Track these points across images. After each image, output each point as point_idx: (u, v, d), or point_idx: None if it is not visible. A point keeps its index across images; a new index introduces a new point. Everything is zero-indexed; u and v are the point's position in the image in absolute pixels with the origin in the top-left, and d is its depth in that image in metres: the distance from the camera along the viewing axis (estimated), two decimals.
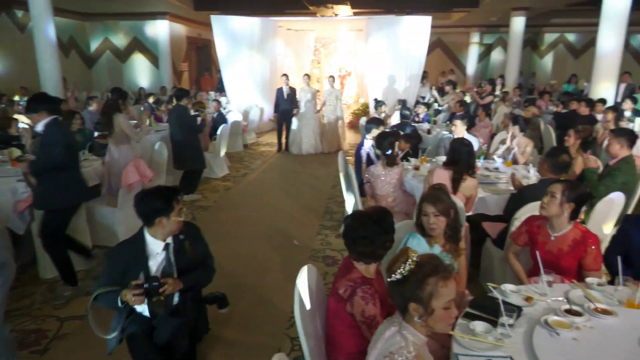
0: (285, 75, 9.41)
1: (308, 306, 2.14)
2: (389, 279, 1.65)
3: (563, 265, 2.60)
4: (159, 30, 15.02)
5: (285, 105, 9.19)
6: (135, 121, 7.71)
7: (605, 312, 2.05)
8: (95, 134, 6.62)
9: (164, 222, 2.38)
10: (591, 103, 7.60)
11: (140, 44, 16.35)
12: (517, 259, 2.86)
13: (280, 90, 9.27)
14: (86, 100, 8.23)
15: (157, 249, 2.44)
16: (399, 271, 1.60)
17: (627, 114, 7.82)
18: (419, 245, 2.61)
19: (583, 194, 2.63)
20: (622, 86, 10.11)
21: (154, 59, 16.11)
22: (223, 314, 3.46)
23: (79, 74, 15.00)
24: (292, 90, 9.29)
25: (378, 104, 8.60)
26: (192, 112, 6.41)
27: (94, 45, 16.22)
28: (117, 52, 16.40)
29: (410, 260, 1.61)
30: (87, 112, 7.59)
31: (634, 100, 8.38)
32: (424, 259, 1.63)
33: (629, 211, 3.98)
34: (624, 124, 7.05)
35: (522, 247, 2.84)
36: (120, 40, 16.35)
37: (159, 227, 2.39)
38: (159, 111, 8.69)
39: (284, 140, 9.52)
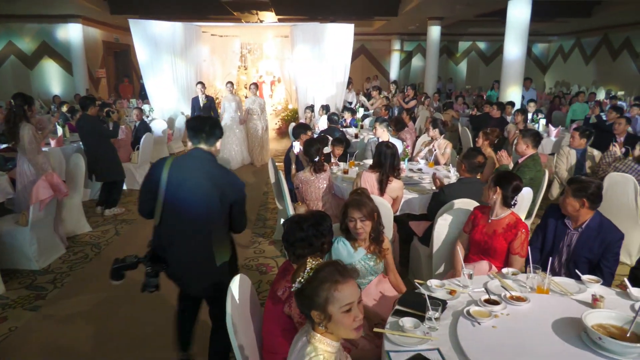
0: (200, 83, 8.81)
1: (241, 316, 2.10)
2: (291, 289, 1.65)
3: (494, 246, 2.83)
4: (71, 34, 14.04)
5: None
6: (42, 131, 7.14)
7: (519, 299, 2.23)
8: (1, 146, 6.08)
9: (218, 145, 2.60)
10: (502, 106, 8.26)
11: (50, 49, 15.18)
12: (461, 250, 3.01)
13: (195, 100, 8.60)
14: None
15: None
16: (298, 280, 1.61)
17: (531, 115, 8.56)
18: (344, 249, 2.68)
19: (504, 180, 2.84)
20: (527, 91, 11.06)
21: (66, 64, 15.04)
22: (152, 331, 3.31)
23: None
24: (210, 99, 8.68)
25: (307, 109, 8.75)
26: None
27: None
28: (23, 57, 15.08)
29: (308, 268, 1.61)
30: None
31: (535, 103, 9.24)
32: (322, 266, 1.63)
33: (537, 204, 4.37)
34: (531, 125, 7.74)
35: (467, 234, 3.03)
36: (26, 44, 15.05)
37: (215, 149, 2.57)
38: (73, 120, 8.10)
39: None
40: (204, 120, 2.57)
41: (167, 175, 2.44)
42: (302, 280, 1.60)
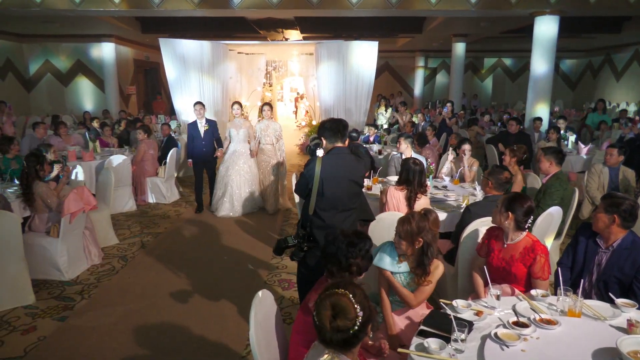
0: (199, 103, 6.68)
1: (263, 332, 2.10)
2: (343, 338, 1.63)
3: (514, 272, 2.73)
4: (105, 52, 14.58)
5: (203, 147, 6.48)
6: (75, 147, 7.41)
7: (549, 322, 2.16)
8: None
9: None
10: (519, 121, 7.98)
11: (84, 67, 15.79)
12: (480, 274, 2.89)
13: (193, 126, 6.51)
14: (32, 125, 7.82)
15: None
16: (355, 327, 1.61)
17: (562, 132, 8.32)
18: (389, 255, 2.68)
19: (516, 203, 2.71)
20: None
21: (99, 82, 15.60)
22: (176, 343, 3.33)
23: (16, 98, 14.21)
24: (212, 124, 6.61)
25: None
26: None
27: (34, 67, 15.48)
28: (59, 75, 15.73)
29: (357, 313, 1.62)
30: (29, 136, 7.23)
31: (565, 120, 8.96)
32: (363, 304, 1.66)
33: (567, 224, 4.24)
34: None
35: (484, 258, 2.92)
36: (62, 62, 15.71)
37: None
38: (104, 136, 8.35)
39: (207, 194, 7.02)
40: (338, 122, 3.15)
41: (320, 171, 2.98)
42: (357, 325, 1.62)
